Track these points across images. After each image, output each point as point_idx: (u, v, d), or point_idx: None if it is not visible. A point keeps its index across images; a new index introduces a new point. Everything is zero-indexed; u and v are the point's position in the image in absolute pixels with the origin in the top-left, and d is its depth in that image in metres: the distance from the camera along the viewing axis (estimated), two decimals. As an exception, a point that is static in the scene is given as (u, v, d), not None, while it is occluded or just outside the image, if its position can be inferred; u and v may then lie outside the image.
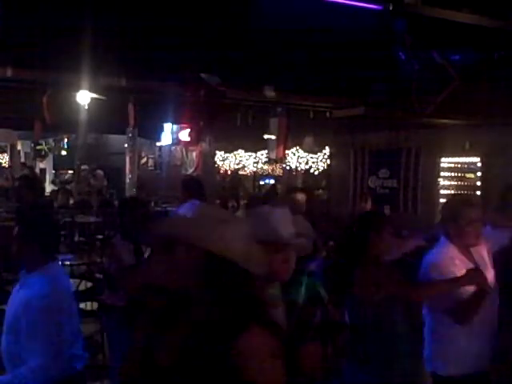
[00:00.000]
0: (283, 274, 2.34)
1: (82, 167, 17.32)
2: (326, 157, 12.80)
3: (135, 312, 2.07)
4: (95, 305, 6.16)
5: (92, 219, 11.97)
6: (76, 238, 11.14)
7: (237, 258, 1.73)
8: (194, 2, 5.40)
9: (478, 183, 9.23)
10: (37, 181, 10.68)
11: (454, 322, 3.25)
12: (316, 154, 12.97)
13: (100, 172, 16.82)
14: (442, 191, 9.69)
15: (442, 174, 9.82)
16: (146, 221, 4.28)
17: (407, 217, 10.22)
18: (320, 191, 12.91)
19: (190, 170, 15.67)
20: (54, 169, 20.95)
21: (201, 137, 9.90)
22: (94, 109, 9.04)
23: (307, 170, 13.28)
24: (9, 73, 6.57)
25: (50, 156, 20.69)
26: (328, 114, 9.13)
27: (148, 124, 12.54)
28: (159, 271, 1.85)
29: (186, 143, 12.06)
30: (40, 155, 19.93)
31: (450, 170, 9.73)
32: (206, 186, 9.79)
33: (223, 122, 9.37)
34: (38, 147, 19.57)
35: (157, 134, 15.23)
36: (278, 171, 14.48)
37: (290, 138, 10.11)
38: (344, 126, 10.33)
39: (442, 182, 9.80)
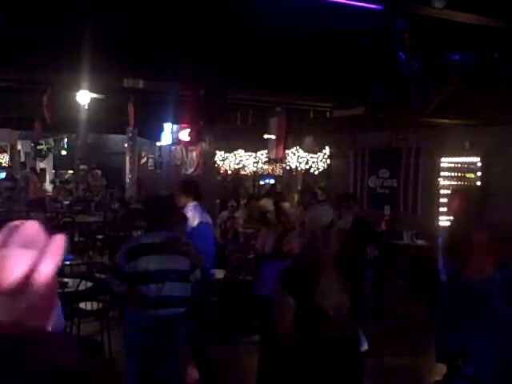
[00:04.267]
0: None
1: (81, 167, 17.31)
2: (325, 157, 12.80)
3: None
4: (95, 305, 6.16)
5: (92, 219, 11.96)
6: (76, 238, 11.13)
7: None
8: (194, 2, 5.40)
9: (478, 183, 9.24)
10: None
11: None
12: (316, 153, 12.98)
13: (98, 172, 16.82)
14: (442, 191, 9.69)
15: (442, 173, 9.82)
16: None
17: (407, 216, 10.23)
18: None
19: (190, 170, 15.64)
20: (53, 169, 20.96)
21: (201, 137, 9.88)
22: (94, 109, 9.04)
23: (307, 170, 13.28)
24: (9, 73, 6.57)
25: (50, 156, 20.69)
26: (328, 114, 9.12)
27: (148, 124, 12.54)
28: None
29: (186, 143, 12.04)
30: (40, 155, 19.93)
31: (449, 169, 9.73)
32: (207, 186, 9.78)
33: (223, 122, 9.37)
34: (38, 147, 19.57)
35: (157, 134, 15.21)
36: (278, 171, 14.48)
37: (289, 138, 10.11)
38: (344, 126, 10.33)
39: (441, 181, 9.80)
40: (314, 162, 13.07)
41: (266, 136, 10.79)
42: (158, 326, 3.90)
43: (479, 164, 9.24)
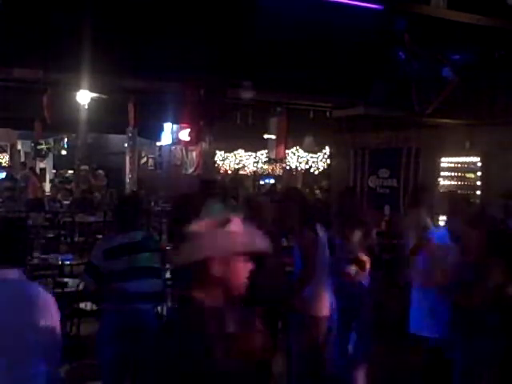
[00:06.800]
0: None
1: (82, 167, 17.31)
2: (326, 157, 12.80)
3: None
4: (95, 305, 6.14)
5: (92, 219, 11.95)
6: (76, 238, 11.12)
7: None
8: (194, 3, 5.40)
9: (478, 183, 9.23)
10: None
11: None
12: (316, 153, 12.97)
13: (101, 172, 16.83)
14: (442, 191, 9.68)
15: (442, 173, 9.80)
16: None
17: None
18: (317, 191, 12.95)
19: (190, 170, 15.66)
20: (54, 168, 20.96)
21: (201, 137, 9.88)
22: (94, 109, 9.04)
23: (307, 170, 13.28)
24: (9, 73, 6.57)
25: (50, 156, 20.69)
26: (328, 114, 9.12)
27: (148, 124, 12.53)
28: None
29: (186, 143, 12.05)
30: (40, 155, 19.93)
31: (450, 169, 9.72)
32: (206, 186, 9.63)
33: (223, 122, 9.36)
34: (38, 147, 19.57)
35: (157, 133, 15.22)
36: (278, 171, 14.48)
37: (289, 138, 10.11)
38: (344, 125, 10.33)
39: (441, 181, 9.79)
40: (314, 162, 13.07)
41: (266, 136, 10.79)
42: (133, 319, 4.11)
43: (479, 164, 9.22)
